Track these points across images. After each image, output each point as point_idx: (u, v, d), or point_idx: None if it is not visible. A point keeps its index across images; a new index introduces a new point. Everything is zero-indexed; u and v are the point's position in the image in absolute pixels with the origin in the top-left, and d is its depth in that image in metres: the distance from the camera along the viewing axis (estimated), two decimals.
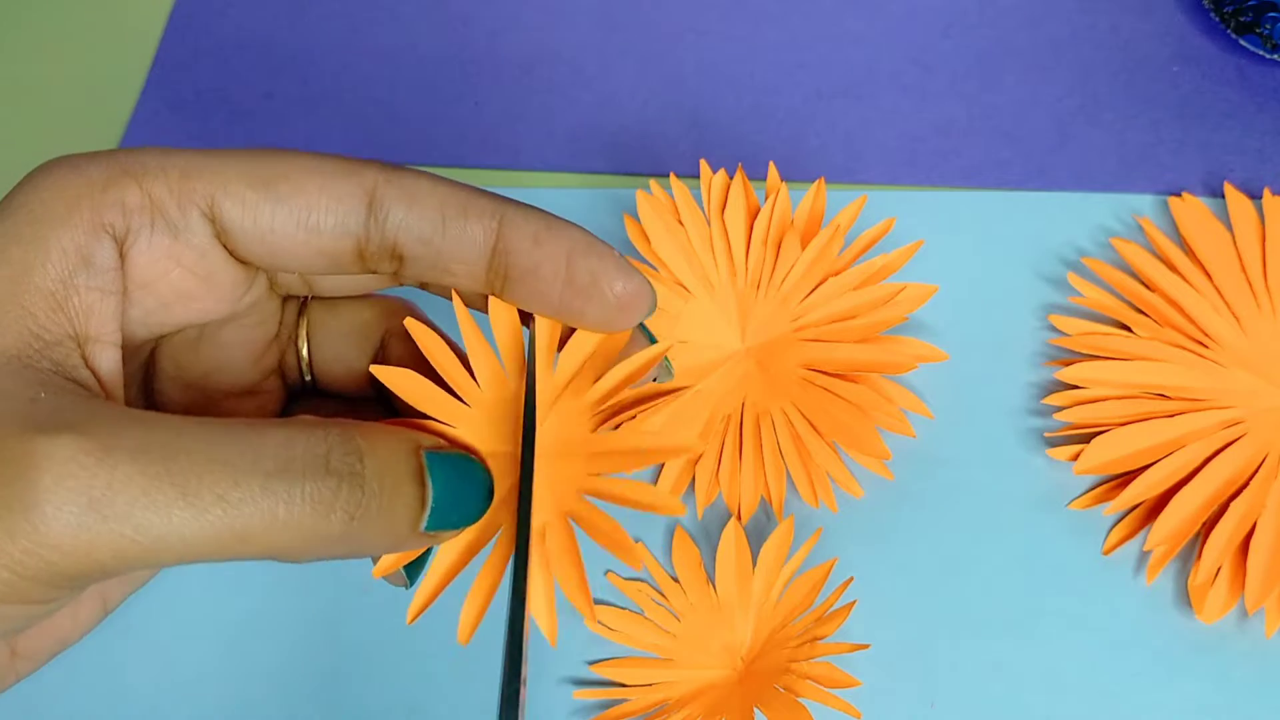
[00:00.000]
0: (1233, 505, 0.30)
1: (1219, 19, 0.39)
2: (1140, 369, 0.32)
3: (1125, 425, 0.31)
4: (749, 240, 0.34)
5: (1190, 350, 0.32)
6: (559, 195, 0.38)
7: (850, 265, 0.34)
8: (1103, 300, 0.34)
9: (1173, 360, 0.32)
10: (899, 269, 0.34)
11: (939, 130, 0.39)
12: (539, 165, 0.39)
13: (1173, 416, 0.31)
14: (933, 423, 0.33)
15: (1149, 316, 0.33)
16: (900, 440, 0.33)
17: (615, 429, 0.21)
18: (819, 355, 0.32)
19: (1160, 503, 0.31)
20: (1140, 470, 0.31)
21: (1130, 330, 0.33)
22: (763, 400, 0.32)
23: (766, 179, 0.35)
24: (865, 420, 0.31)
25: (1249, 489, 0.30)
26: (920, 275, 0.35)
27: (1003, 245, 0.36)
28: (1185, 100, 0.39)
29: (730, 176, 0.35)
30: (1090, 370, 0.32)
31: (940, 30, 0.41)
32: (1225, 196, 0.35)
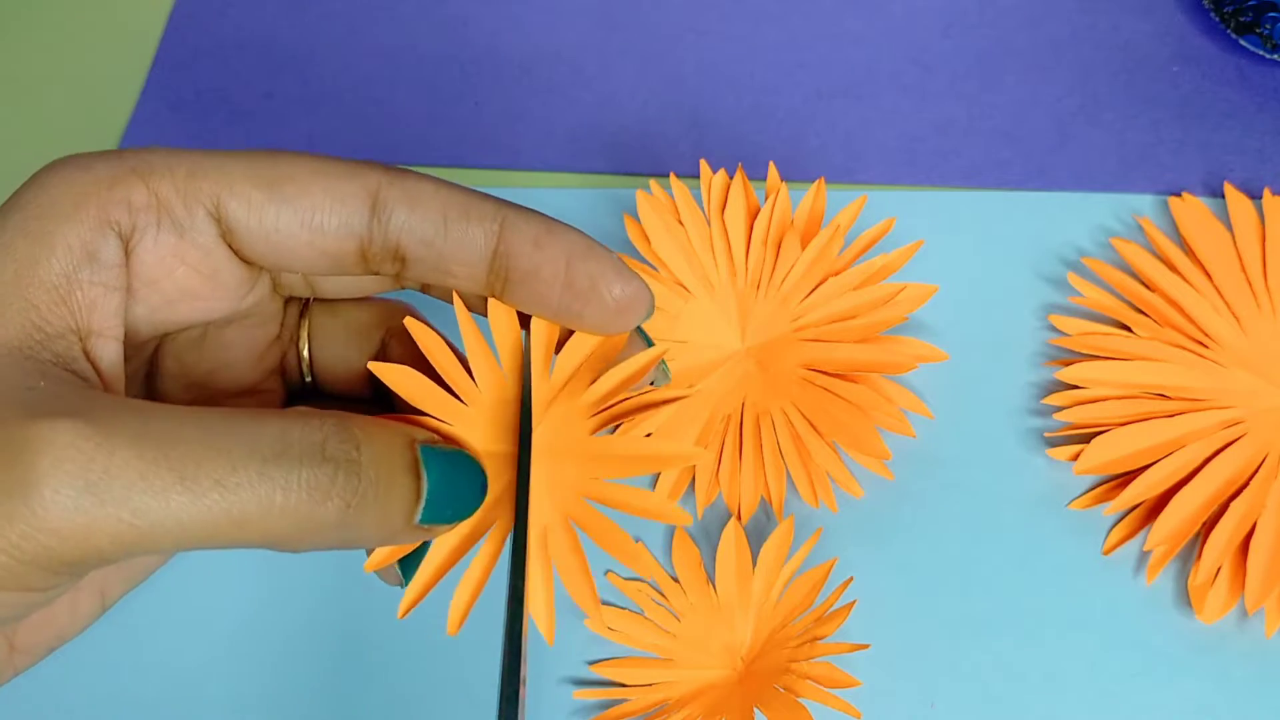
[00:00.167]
0: (1233, 505, 0.30)
1: (1219, 19, 0.39)
2: (1140, 369, 0.32)
3: (1125, 425, 0.31)
4: (749, 240, 0.34)
5: (1190, 350, 0.32)
6: (559, 195, 0.38)
7: (850, 265, 0.34)
8: (1103, 300, 0.34)
9: (1173, 360, 0.32)
10: (899, 269, 0.34)
11: (939, 130, 0.39)
12: (539, 165, 0.39)
13: (1173, 416, 0.31)
14: (933, 423, 0.33)
15: (1149, 316, 0.33)
16: (900, 440, 0.33)
17: (613, 433, 0.21)
18: (819, 355, 0.32)
19: (1160, 503, 0.31)
20: (1140, 470, 0.31)
21: (1130, 330, 0.33)
22: (763, 400, 0.32)
23: (766, 179, 0.35)
24: (865, 420, 0.31)
25: (1249, 489, 0.30)
26: (920, 275, 0.35)
27: (1003, 245, 0.36)
28: (1185, 100, 0.39)
29: (730, 176, 0.35)
30: (1090, 370, 0.32)
31: (940, 30, 0.41)
32: (1225, 196, 0.35)
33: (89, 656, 0.31)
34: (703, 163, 0.35)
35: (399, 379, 0.21)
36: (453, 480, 0.20)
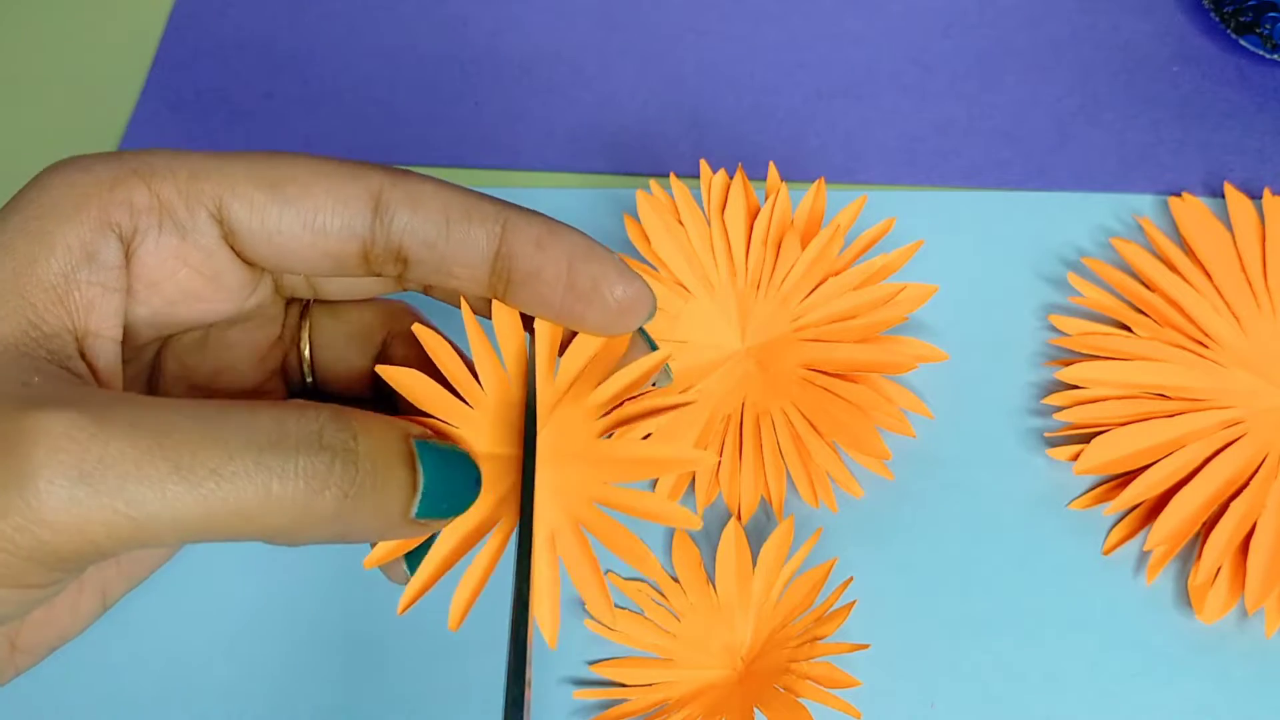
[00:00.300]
0: (1233, 505, 0.30)
1: (1219, 19, 0.39)
2: (1140, 369, 0.32)
3: (1125, 425, 0.31)
4: (749, 240, 0.34)
5: (1190, 350, 0.32)
6: (559, 195, 0.38)
7: (850, 265, 0.34)
8: (1103, 300, 0.34)
9: (1173, 360, 0.32)
10: (899, 269, 0.34)
11: (939, 130, 0.39)
12: (539, 165, 0.39)
13: (1173, 416, 0.31)
14: (933, 423, 0.33)
15: (1149, 316, 0.33)
16: (900, 440, 0.33)
17: (617, 437, 0.21)
18: (819, 355, 0.32)
19: (1160, 503, 0.31)
20: (1140, 470, 0.31)
21: (1130, 330, 0.33)
22: (763, 400, 0.32)
23: (766, 179, 0.35)
24: (865, 420, 0.31)
25: (1249, 489, 0.30)
26: (920, 275, 0.35)
27: (1003, 245, 0.36)
28: (1185, 100, 0.39)
29: (730, 176, 0.35)
30: (1090, 370, 0.32)
31: (940, 30, 0.41)
32: (1225, 196, 0.35)
33: (89, 655, 0.31)
34: (703, 163, 0.35)
35: (405, 381, 0.21)
36: (448, 475, 0.20)
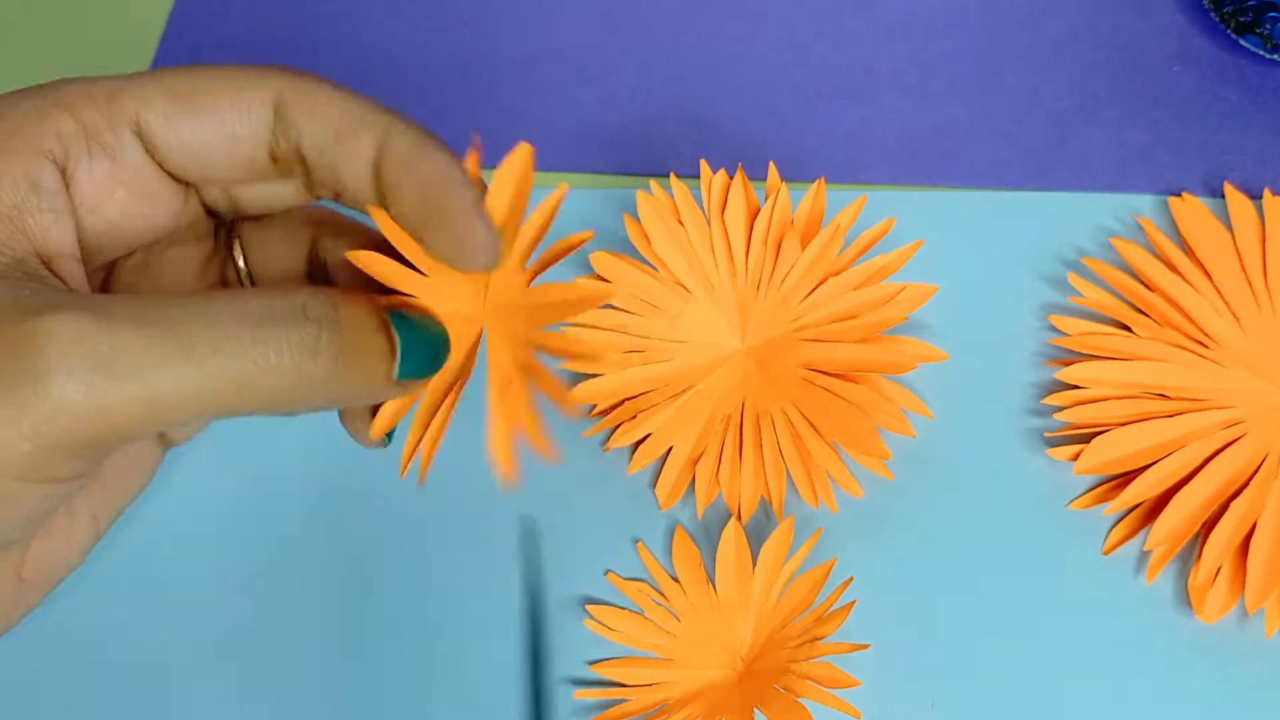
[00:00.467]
0: (1233, 505, 0.30)
1: (1219, 19, 0.39)
2: (1140, 369, 0.32)
3: (1125, 425, 0.31)
4: (749, 240, 0.34)
5: (1190, 350, 0.32)
6: None
7: (850, 265, 0.34)
8: (1103, 300, 0.34)
9: (1173, 360, 0.32)
10: (899, 269, 0.34)
11: (939, 130, 0.39)
12: (539, 165, 0.39)
13: (1173, 416, 0.31)
14: (933, 423, 0.33)
15: (1149, 316, 0.33)
16: (900, 440, 0.33)
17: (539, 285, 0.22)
18: (819, 355, 0.32)
19: (1160, 503, 0.31)
20: (1140, 470, 0.31)
21: (1130, 330, 0.33)
22: (763, 400, 0.32)
23: (766, 179, 0.35)
24: (865, 420, 0.31)
25: (1249, 489, 0.30)
26: (920, 275, 0.35)
27: (1003, 245, 0.36)
28: (1185, 100, 0.39)
29: (730, 176, 0.35)
30: (1090, 370, 0.32)
31: (940, 30, 0.41)
32: (1225, 196, 0.35)
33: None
34: (703, 163, 0.35)
35: (371, 262, 0.21)
36: (419, 338, 0.21)
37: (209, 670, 0.31)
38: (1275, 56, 0.38)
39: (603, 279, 0.34)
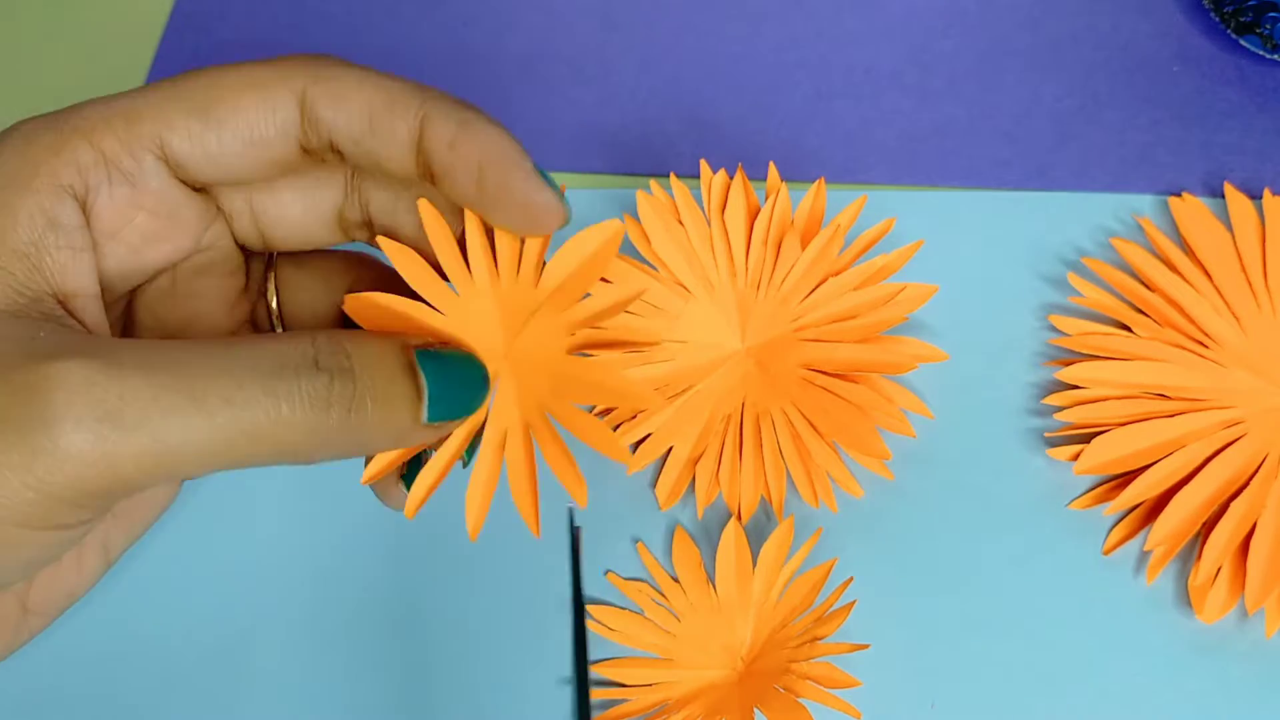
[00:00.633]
0: (1233, 505, 0.30)
1: (1219, 19, 0.39)
2: (1140, 369, 0.32)
3: (1125, 425, 0.31)
4: (749, 240, 0.34)
5: (1190, 350, 0.32)
6: None
7: (850, 265, 0.34)
8: (1103, 300, 0.34)
9: (1173, 360, 0.32)
10: (899, 269, 0.34)
11: (939, 130, 0.39)
12: (539, 165, 0.39)
13: (1173, 416, 0.31)
14: (933, 423, 0.33)
15: (1149, 316, 0.33)
16: (900, 440, 0.33)
17: (584, 357, 0.21)
18: (819, 355, 0.32)
19: (1160, 503, 0.31)
20: (1140, 470, 0.31)
21: (1130, 330, 0.33)
22: (763, 400, 0.32)
23: (766, 179, 0.35)
24: (865, 420, 0.31)
25: (1249, 489, 0.30)
26: (920, 275, 0.35)
27: (1003, 245, 0.36)
28: (1185, 100, 0.39)
29: (730, 176, 0.35)
30: (1090, 370, 0.32)
31: (940, 30, 0.41)
32: (1225, 196, 0.35)
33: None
34: (703, 163, 0.35)
35: (402, 259, 0.21)
36: (453, 375, 0.20)
37: (215, 685, 0.31)
38: (1275, 56, 0.38)
39: (603, 279, 0.34)
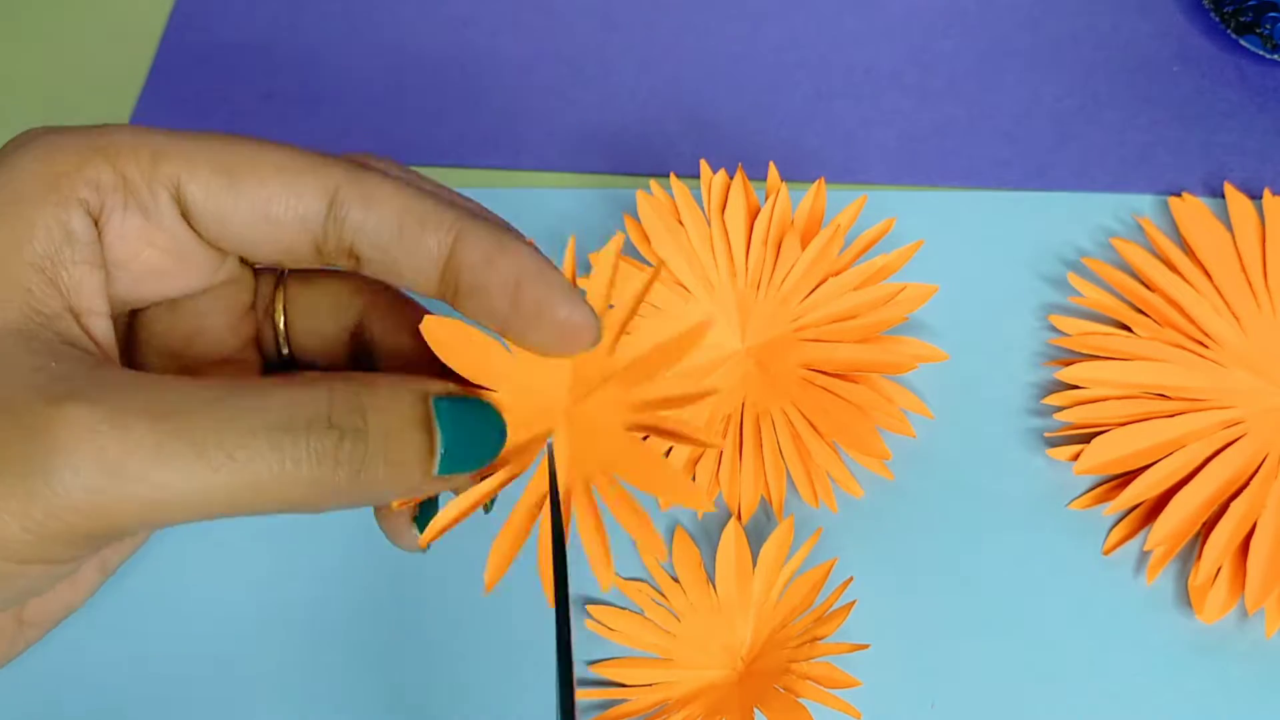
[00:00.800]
0: (1233, 505, 0.30)
1: (1219, 19, 0.39)
2: (1140, 369, 0.32)
3: (1125, 425, 0.31)
4: (749, 240, 0.34)
5: (1190, 350, 0.32)
6: (559, 195, 0.38)
7: (850, 265, 0.34)
8: (1103, 300, 0.34)
9: (1173, 360, 0.32)
10: (899, 269, 0.34)
11: (939, 130, 0.39)
12: (539, 165, 0.39)
13: (1173, 416, 0.31)
14: (933, 423, 0.33)
15: (1149, 316, 0.33)
16: (900, 440, 0.33)
17: (643, 438, 0.21)
18: (819, 355, 0.32)
19: (1160, 503, 0.31)
20: (1140, 470, 0.31)
21: (1130, 330, 0.33)
22: (763, 400, 0.32)
23: (766, 179, 0.35)
24: (865, 420, 0.31)
25: (1249, 489, 0.30)
26: (920, 275, 0.35)
27: (1003, 245, 0.36)
28: (1185, 100, 0.39)
29: (730, 176, 0.35)
30: (1090, 370, 0.32)
31: (940, 30, 0.41)
32: (1225, 196, 0.35)
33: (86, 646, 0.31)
34: (703, 163, 0.35)
35: (444, 336, 0.20)
36: (470, 428, 0.20)
37: (212, 697, 0.31)
38: (1275, 56, 0.38)
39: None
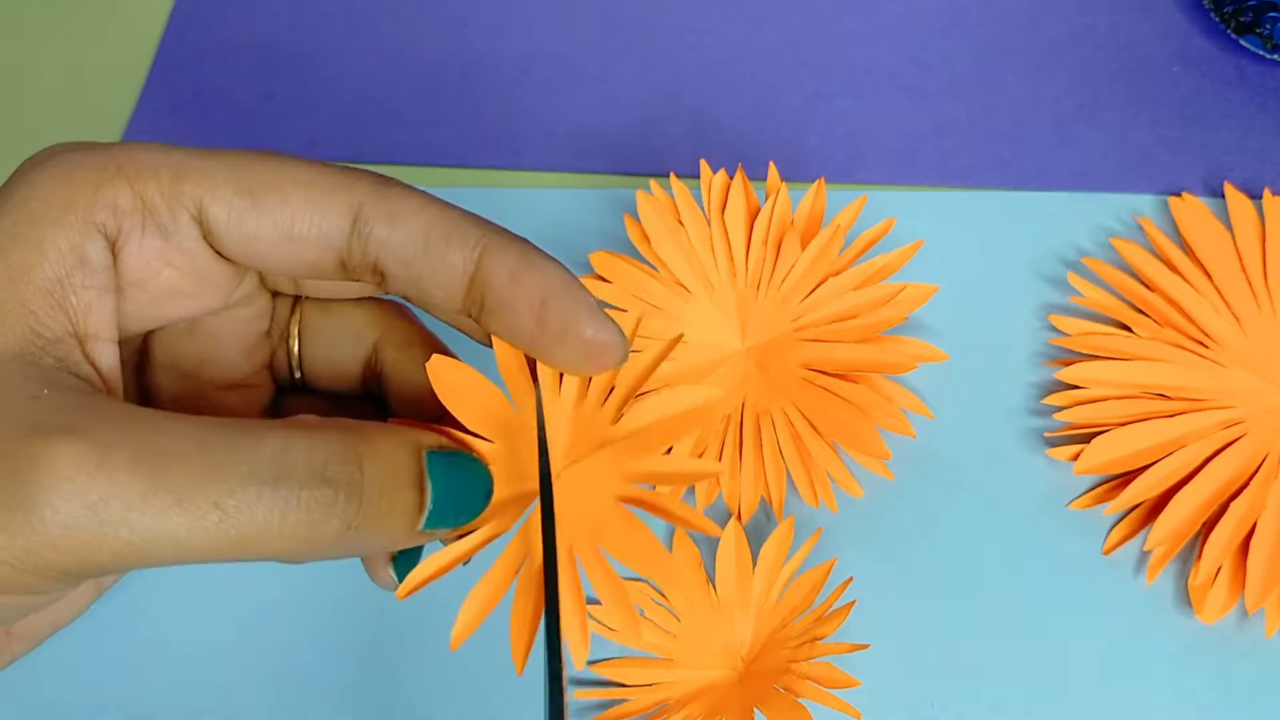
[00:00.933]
0: (1233, 505, 0.30)
1: (1219, 19, 0.39)
2: (1140, 369, 0.32)
3: (1125, 425, 0.31)
4: (749, 240, 0.34)
5: (1190, 350, 0.32)
6: (559, 195, 0.38)
7: (850, 265, 0.34)
8: (1103, 300, 0.34)
9: (1173, 360, 0.32)
10: (899, 269, 0.34)
11: (939, 130, 0.39)
12: (539, 165, 0.39)
13: (1173, 416, 0.31)
14: (933, 423, 0.33)
15: (1149, 316, 0.33)
16: (900, 440, 0.33)
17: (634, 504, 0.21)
18: (819, 355, 0.32)
19: (1160, 503, 0.31)
20: (1140, 470, 0.31)
21: (1130, 330, 0.33)
22: (763, 400, 0.32)
23: (766, 179, 0.35)
24: (865, 420, 0.31)
25: (1249, 489, 0.30)
26: (920, 275, 0.35)
27: (1003, 245, 0.36)
28: (1185, 100, 0.39)
29: (730, 176, 0.35)
30: (1090, 370, 0.32)
31: (940, 30, 0.41)
32: (1225, 196, 0.35)
33: (84, 653, 0.31)
34: (703, 163, 0.35)
35: (449, 378, 0.20)
36: (458, 484, 0.20)
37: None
38: (1275, 56, 0.38)
39: (603, 279, 0.34)
